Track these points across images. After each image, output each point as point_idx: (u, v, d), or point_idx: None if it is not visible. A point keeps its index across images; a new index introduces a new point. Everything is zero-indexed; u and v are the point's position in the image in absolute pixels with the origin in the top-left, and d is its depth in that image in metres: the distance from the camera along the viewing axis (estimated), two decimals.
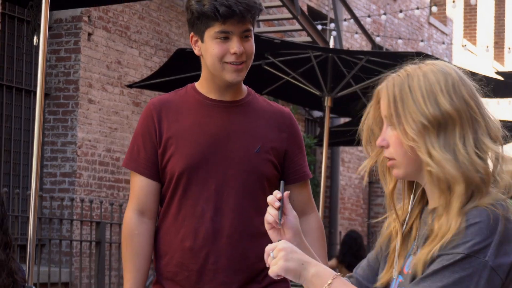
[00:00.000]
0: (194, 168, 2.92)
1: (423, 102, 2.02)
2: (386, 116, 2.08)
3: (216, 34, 2.90)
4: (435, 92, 2.02)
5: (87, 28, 9.84)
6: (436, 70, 2.07)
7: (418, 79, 2.06)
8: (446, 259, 1.92)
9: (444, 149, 1.99)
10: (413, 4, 18.22)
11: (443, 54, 19.62)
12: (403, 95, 2.05)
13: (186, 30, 11.57)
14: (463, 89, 2.06)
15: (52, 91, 9.78)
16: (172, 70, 8.63)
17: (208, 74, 2.99)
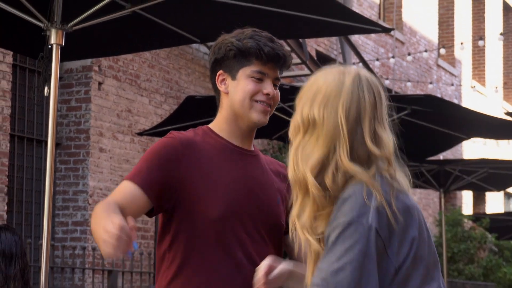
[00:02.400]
0: (229, 216, 2.80)
1: (306, 102, 2.21)
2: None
3: (252, 73, 2.88)
4: (317, 95, 2.19)
5: (98, 77, 9.92)
6: (338, 76, 2.20)
7: (321, 78, 2.22)
8: (333, 235, 2.05)
9: (298, 150, 2.18)
10: (421, 46, 18.30)
11: (452, 96, 19.65)
12: (306, 89, 2.25)
13: (195, 77, 11.65)
14: (344, 103, 2.16)
15: (63, 140, 9.82)
16: (182, 117, 8.67)
17: (231, 115, 2.91)
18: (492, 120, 9.04)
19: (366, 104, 2.17)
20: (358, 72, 2.20)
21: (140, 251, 9.74)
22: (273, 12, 5.38)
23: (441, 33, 20.12)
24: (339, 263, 2.02)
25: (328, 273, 2.02)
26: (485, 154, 18.94)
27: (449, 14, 20.33)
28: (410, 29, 18.12)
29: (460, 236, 16.58)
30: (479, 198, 21.23)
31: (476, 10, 21.96)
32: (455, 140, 9.69)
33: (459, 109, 9.19)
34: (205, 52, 11.95)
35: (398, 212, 2.08)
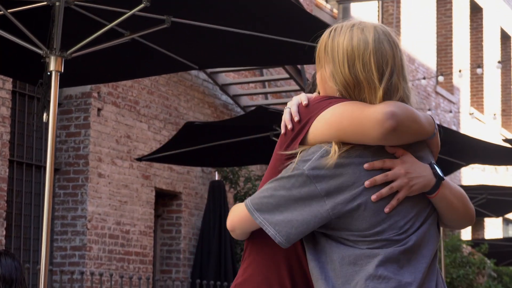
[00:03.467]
0: None
1: (342, 62, 2.37)
2: (316, 58, 2.48)
3: None
4: (350, 58, 2.36)
5: (97, 103, 9.95)
6: (360, 35, 2.36)
7: (343, 39, 2.38)
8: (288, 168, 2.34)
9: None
10: (420, 74, 18.37)
11: (451, 123, 19.70)
12: (331, 49, 2.42)
13: (194, 103, 11.69)
14: (375, 63, 2.34)
15: (62, 166, 9.85)
16: (181, 143, 8.70)
17: None
18: (491, 147, 9.07)
19: (388, 56, 2.34)
20: (375, 27, 2.37)
21: (139, 275, 9.73)
22: (271, 39, 5.42)
23: (439, 61, 20.20)
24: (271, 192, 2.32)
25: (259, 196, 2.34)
26: (483, 181, 18.96)
27: (448, 42, 20.41)
28: (408, 56, 18.20)
29: (459, 261, 16.56)
30: (477, 224, 21.22)
31: (474, 38, 22.06)
32: (454, 167, 9.72)
33: (457, 136, 9.22)
34: (204, 79, 12.00)
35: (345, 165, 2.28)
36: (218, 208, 11.39)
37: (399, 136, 2.29)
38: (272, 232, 2.28)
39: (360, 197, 2.26)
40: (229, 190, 11.87)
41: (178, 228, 11.35)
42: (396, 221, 2.28)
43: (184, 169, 11.38)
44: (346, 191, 2.26)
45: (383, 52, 2.32)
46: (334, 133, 2.29)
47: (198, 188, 11.66)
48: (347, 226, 2.27)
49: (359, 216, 2.26)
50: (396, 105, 2.32)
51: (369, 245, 2.26)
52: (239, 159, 10.10)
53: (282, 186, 2.29)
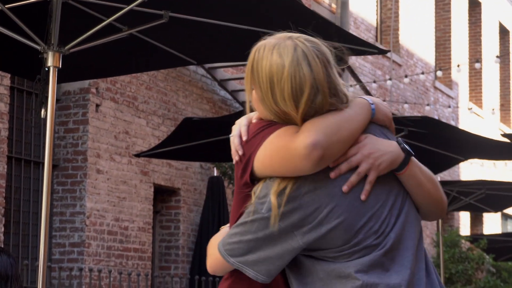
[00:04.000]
0: None
1: (265, 91, 2.37)
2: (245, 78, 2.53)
3: None
4: (270, 88, 2.35)
5: (95, 99, 9.94)
6: (277, 59, 2.36)
7: (264, 63, 2.41)
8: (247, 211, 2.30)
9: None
10: (418, 69, 18.36)
11: (450, 117, 19.69)
12: (254, 71, 2.46)
13: (193, 99, 11.68)
14: (288, 88, 2.30)
15: (61, 162, 9.83)
16: (179, 139, 8.69)
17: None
18: (489, 142, 9.06)
19: (305, 80, 2.29)
20: (295, 45, 2.38)
21: (138, 272, 9.73)
22: (270, 33, 5.40)
23: (438, 56, 20.19)
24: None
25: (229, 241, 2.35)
26: (482, 176, 18.96)
27: (446, 37, 20.40)
28: (407, 51, 18.18)
29: (457, 257, 16.56)
30: (476, 219, 21.22)
31: (473, 33, 22.05)
32: (452, 162, 9.71)
33: (456, 131, 9.21)
34: (203, 74, 11.99)
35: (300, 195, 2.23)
36: (217, 204, 11.39)
37: (332, 156, 2.21)
38: (253, 273, 2.26)
39: (326, 219, 2.20)
40: (227, 186, 11.86)
41: (176, 224, 11.35)
42: (371, 227, 2.23)
43: (183, 165, 11.37)
44: (311, 219, 2.21)
45: (301, 76, 2.27)
46: (273, 173, 2.24)
47: (196, 184, 11.64)
48: (323, 246, 2.23)
49: (332, 236, 2.21)
50: (318, 128, 2.21)
51: (349, 257, 2.22)
52: None
53: (247, 231, 2.26)
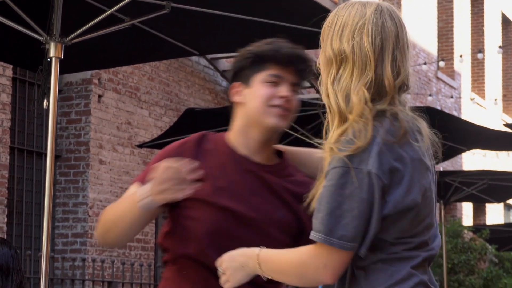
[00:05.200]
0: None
1: (335, 36, 2.26)
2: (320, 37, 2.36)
3: (267, 77, 2.74)
4: (344, 29, 2.25)
5: (97, 90, 9.94)
6: (360, 9, 2.26)
7: (344, 12, 2.28)
8: (333, 172, 2.18)
9: (334, 83, 2.25)
10: (421, 59, 18.34)
11: (452, 108, 19.68)
12: (330, 24, 2.30)
13: (195, 90, 11.68)
14: (368, 34, 2.22)
15: (63, 153, 9.84)
16: (181, 130, 8.68)
17: (244, 125, 2.79)
18: (492, 132, 9.06)
19: (389, 32, 2.23)
20: (378, 3, 2.28)
21: (140, 262, 9.74)
22: (272, 24, 5.40)
23: (440, 46, 20.16)
24: (340, 210, 2.13)
25: (329, 220, 2.14)
26: (484, 166, 18.95)
27: (448, 27, 20.37)
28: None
29: (460, 247, 16.57)
30: (479, 210, 21.23)
31: (475, 23, 22.01)
32: (455, 152, 9.71)
33: (458, 121, 9.21)
34: (205, 65, 11.98)
35: (392, 159, 2.16)
36: None
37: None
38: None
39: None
40: None
41: None
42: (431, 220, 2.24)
43: None
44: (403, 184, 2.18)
45: (385, 26, 2.23)
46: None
47: None
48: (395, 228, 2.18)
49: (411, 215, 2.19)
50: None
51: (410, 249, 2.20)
52: None
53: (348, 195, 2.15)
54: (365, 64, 2.21)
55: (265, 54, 2.77)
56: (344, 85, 2.23)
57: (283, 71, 2.76)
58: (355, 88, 2.21)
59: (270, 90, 2.74)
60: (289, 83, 2.77)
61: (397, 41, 2.24)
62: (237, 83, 2.81)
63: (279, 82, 2.76)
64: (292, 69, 2.77)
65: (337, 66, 2.25)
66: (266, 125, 2.75)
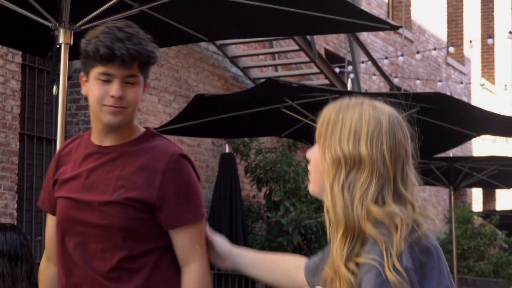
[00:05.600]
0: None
1: (347, 137, 2.13)
2: (316, 133, 2.22)
3: (98, 75, 2.78)
4: (360, 133, 2.13)
5: None
6: (373, 114, 2.16)
7: (353, 114, 2.16)
8: (369, 275, 2.04)
9: (345, 189, 2.11)
10: (430, 45, 18.28)
11: (462, 94, 19.62)
12: (335, 123, 2.17)
13: (204, 76, 11.67)
14: (386, 142, 2.14)
15: None
16: (191, 116, 8.69)
17: (91, 116, 2.89)
18: (502, 118, 9.03)
19: (401, 145, 2.17)
20: (387, 108, 2.21)
21: None
22: (281, 10, 5.39)
23: (450, 31, 20.10)
24: None
25: None
26: (494, 152, 18.92)
27: (458, 12, 20.29)
28: (419, 27, 18.10)
29: (470, 233, 16.57)
30: (488, 195, 21.20)
31: (485, 9, 21.92)
32: (465, 138, 9.68)
33: (468, 107, 9.17)
34: (214, 51, 11.97)
35: (420, 253, 2.11)
36: (229, 180, 11.40)
37: None
38: None
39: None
40: (240, 163, 11.87)
41: None
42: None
43: (195, 141, 11.38)
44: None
45: (397, 136, 2.15)
46: None
47: (208, 161, 11.66)
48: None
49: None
50: None
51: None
52: (249, 131, 10.09)
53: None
54: (386, 174, 2.12)
55: (90, 52, 2.77)
56: (360, 193, 2.11)
57: (111, 67, 2.76)
58: (374, 196, 2.10)
59: (102, 90, 2.78)
60: (120, 79, 2.77)
61: (404, 152, 2.17)
62: (82, 72, 2.88)
63: (110, 79, 2.77)
64: (120, 64, 2.75)
65: (347, 170, 2.12)
66: (102, 122, 2.81)
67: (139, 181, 2.77)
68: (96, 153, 2.85)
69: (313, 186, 2.24)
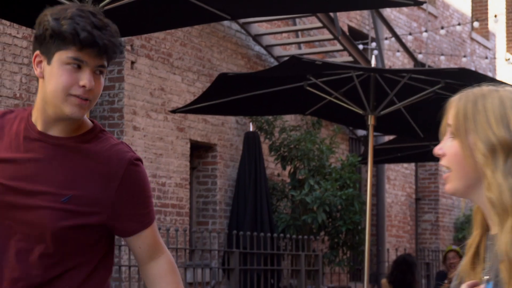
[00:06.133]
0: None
1: (495, 124, 2.06)
2: (451, 126, 2.12)
3: (68, 60, 2.50)
4: (508, 117, 2.07)
5: (130, 56, 9.95)
6: (509, 95, 2.12)
7: (493, 101, 2.10)
8: None
9: (508, 175, 2.03)
10: (455, 20, 18.14)
11: (487, 69, 19.49)
12: (476, 113, 2.09)
13: (227, 55, 11.66)
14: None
15: (98, 119, 9.89)
16: (214, 95, 8.69)
17: (42, 103, 2.58)
18: None
19: None
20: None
21: (176, 227, 9.80)
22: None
23: (474, 6, 19.93)
24: None
25: None
26: None
27: None
28: (442, 2, 17.96)
29: None
30: None
31: None
32: None
33: (493, 82, 9.12)
34: (237, 30, 11.95)
35: None
36: (253, 159, 11.41)
37: None
38: None
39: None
40: (264, 141, 11.87)
41: (213, 180, 11.40)
42: None
43: (219, 120, 11.39)
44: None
45: None
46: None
47: (233, 140, 11.67)
48: None
49: None
50: None
51: None
52: (273, 109, 10.08)
53: None
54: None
55: (64, 34, 2.50)
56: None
57: (85, 54, 2.51)
58: None
59: (71, 78, 2.51)
60: (92, 68, 2.53)
61: None
62: (37, 52, 2.57)
63: (81, 66, 2.52)
64: (97, 53, 2.52)
65: (505, 156, 2.06)
66: (62, 113, 2.54)
67: (92, 186, 2.57)
68: (39, 141, 2.59)
69: (456, 183, 2.13)
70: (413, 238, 16.56)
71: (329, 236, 12.19)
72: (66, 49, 2.50)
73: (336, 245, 12.23)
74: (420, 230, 17.02)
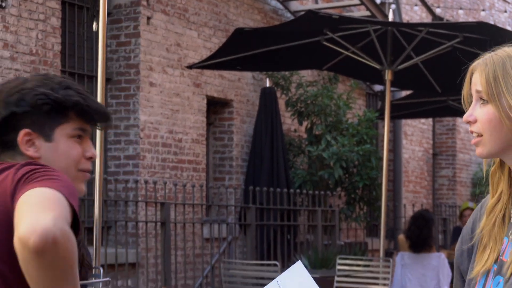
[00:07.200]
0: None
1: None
2: (480, 92, 2.09)
3: (73, 132, 2.31)
4: None
5: (146, 12, 9.90)
6: None
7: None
8: None
9: None
10: None
11: (506, 23, 19.30)
12: (506, 75, 2.07)
13: (244, 9, 11.58)
14: None
15: (114, 75, 9.87)
16: (231, 50, 8.66)
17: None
18: None
19: None
20: None
21: (192, 183, 9.82)
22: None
23: None
24: None
25: None
26: None
27: None
28: None
29: None
30: None
31: None
32: None
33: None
34: None
35: None
36: (270, 114, 11.38)
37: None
38: None
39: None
40: (280, 97, 11.83)
41: (230, 136, 11.39)
42: None
43: (235, 76, 11.35)
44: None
45: None
46: None
47: (249, 95, 11.64)
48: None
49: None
50: (55, 218, 1.83)
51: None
52: (290, 65, 10.04)
53: None
54: None
55: (68, 104, 2.30)
56: None
57: (85, 123, 2.35)
58: None
59: (79, 152, 2.32)
60: (90, 136, 2.39)
61: None
62: (27, 130, 2.27)
63: (83, 136, 2.35)
64: (93, 123, 2.39)
65: None
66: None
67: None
68: None
69: (491, 146, 2.11)
70: (430, 194, 16.55)
71: (346, 192, 12.20)
72: (69, 122, 2.31)
73: (353, 201, 12.24)
74: (437, 185, 17.00)
